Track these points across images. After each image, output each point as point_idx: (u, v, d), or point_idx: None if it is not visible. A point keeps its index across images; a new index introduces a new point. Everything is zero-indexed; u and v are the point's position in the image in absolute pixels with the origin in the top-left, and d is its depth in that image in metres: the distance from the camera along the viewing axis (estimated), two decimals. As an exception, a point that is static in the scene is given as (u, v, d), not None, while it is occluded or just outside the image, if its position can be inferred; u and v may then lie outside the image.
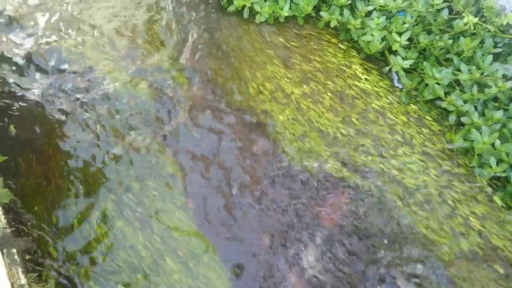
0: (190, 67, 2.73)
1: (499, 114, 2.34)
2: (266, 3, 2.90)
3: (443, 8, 2.64)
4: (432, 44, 2.64)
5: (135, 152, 2.36)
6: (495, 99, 2.49)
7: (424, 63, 2.63)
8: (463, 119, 2.43)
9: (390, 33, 2.70)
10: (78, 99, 2.54)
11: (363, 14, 2.77)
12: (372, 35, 2.69)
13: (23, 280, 1.85)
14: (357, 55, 2.87)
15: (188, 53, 2.81)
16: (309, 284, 2.01)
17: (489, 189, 2.30)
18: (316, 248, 2.10)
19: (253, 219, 2.18)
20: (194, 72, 2.71)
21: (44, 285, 1.92)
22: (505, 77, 2.43)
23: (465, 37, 2.55)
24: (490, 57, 2.46)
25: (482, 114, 2.43)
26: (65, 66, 2.67)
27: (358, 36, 2.80)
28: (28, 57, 2.70)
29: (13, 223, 2.08)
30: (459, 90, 2.52)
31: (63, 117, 2.48)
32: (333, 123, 2.52)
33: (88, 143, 2.39)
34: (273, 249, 2.10)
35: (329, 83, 2.70)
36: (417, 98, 2.66)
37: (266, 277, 2.03)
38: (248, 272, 2.04)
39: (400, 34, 2.68)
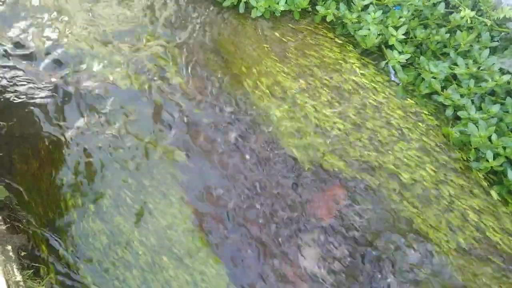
0: (183, 61, 2.71)
1: (495, 108, 2.34)
2: (262, -2, 2.89)
3: (439, 2, 2.64)
4: (429, 38, 2.64)
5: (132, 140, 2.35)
6: (492, 93, 2.49)
7: (421, 57, 2.62)
8: (459, 113, 2.43)
9: (387, 27, 2.69)
10: (73, 90, 2.53)
11: (360, 8, 2.75)
12: (369, 30, 2.68)
13: (18, 277, 1.83)
14: (353, 49, 2.85)
15: (181, 47, 2.79)
16: (305, 279, 2.00)
17: (485, 183, 2.31)
18: (313, 243, 2.09)
19: (249, 215, 2.18)
20: (187, 66, 2.69)
21: (39, 282, 1.91)
22: (502, 71, 2.42)
23: (461, 31, 2.55)
24: (487, 51, 2.45)
25: (479, 108, 2.43)
26: (59, 58, 2.65)
27: (355, 30, 2.78)
28: (26, 52, 2.68)
29: (8, 220, 2.07)
30: (456, 84, 2.51)
31: (58, 111, 2.46)
32: (330, 118, 2.51)
33: (86, 137, 2.37)
34: (270, 242, 2.09)
35: (326, 77, 2.69)
36: (414, 93, 2.65)
37: (263, 272, 2.02)
38: (245, 266, 2.03)
39: (396, 28, 2.67)
